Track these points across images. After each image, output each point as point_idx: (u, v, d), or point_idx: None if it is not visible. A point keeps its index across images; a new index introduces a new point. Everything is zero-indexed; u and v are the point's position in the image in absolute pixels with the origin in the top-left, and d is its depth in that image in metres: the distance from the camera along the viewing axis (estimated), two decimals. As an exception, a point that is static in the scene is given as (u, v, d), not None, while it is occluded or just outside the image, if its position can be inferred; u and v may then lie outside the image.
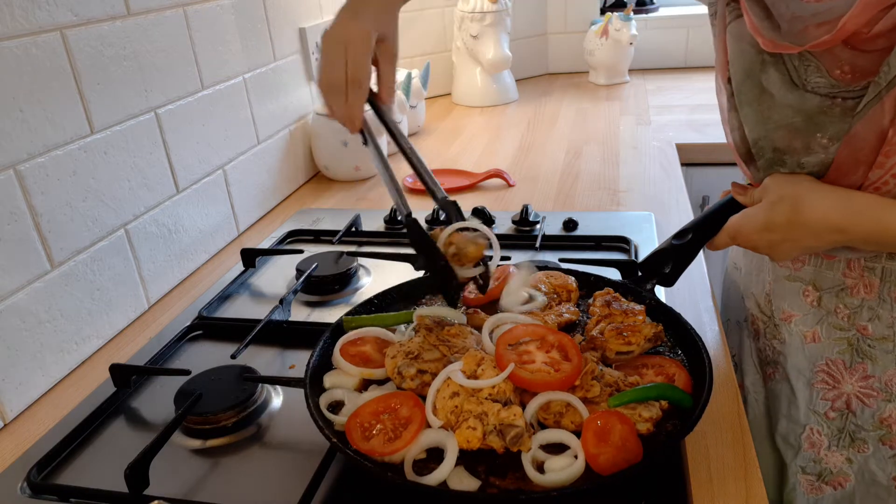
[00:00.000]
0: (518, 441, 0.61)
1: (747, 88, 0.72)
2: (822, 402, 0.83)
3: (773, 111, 0.70)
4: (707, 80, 2.19)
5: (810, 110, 0.68)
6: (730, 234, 0.77)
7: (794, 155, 0.70)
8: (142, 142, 1.02)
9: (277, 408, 0.81)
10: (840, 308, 0.79)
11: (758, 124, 0.72)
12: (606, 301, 0.80)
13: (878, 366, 0.78)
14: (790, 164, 0.71)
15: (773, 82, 0.70)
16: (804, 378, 0.84)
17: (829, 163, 0.68)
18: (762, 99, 0.71)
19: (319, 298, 1.06)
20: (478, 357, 0.68)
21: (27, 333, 0.84)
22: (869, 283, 0.76)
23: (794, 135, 0.69)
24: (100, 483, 0.70)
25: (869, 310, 0.77)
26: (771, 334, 0.88)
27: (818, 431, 0.84)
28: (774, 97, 0.70)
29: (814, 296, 0.81)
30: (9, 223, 0.81)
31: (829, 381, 0.82)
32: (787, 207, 0.70)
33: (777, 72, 0.70)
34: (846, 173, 0.67)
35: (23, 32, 0.82)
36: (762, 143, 0.73)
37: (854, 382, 0.80)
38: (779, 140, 0.71)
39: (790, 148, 0.70)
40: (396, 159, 0.93)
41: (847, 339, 0.79)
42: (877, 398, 0.79)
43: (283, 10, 1.42)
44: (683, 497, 0.64)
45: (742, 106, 0.74)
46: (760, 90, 0.71)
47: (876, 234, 0.66)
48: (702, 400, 0.64)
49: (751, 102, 0.72)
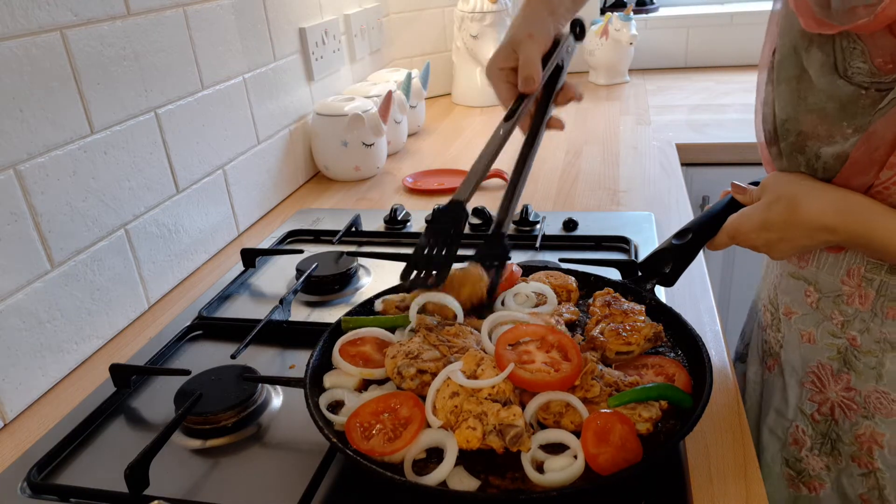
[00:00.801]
0: (517, 441, 0.61)
1: (788, 64, 0.72)
2: (809, 403, 0.83)
3: (809, 93, 0.70)
4: (707, 81, 2.20)
5: (842, 98, 0.67)
6: (729, 233, 0.77)
7: (816, 142, 0.70)
8: (142, 142, 1.02)
9: (277, 408, 0.81)
10: (835, 314, 0.78)
11: (789, 104, 0.72)
12: (606, 301, 0.80)
13: (860, 379, 0.77)
14: (809, 152, 0.70)
15: (812, 63, 0.69)
16: (797, 375, 0.84)
17: (845, 157, 0.67)
18: (801, 78, 0.70)
19: (319, 298, 1.06)
20: (478, 357, 0.68)
21: (27, 333, 0.84)
22: (865, 295, 0.75)
23: (823, 120, 0.69)
24: (100, 483, 0.70)
25: (861, 321, 0.76)
26: (775, 327, 0.89)
27: (803, 430, 0.84)
28: (812, 79, 0.69)
29: (814, 297, 0.81)
30: (9, 223, 0.81)
31: (817, 384, 0.82)
32: (783, 207, 0.70)
33: (821, 52, 0.68)
34: (859, 172, 0.66)
35: (23, 32, 0.82)
36: (789, 126, 0.72)
37: (838, 391, 0.79)
38: (806, 123, 0.70)
39: (814, 133, 0.69)
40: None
41: (837, 347, 0.79)
42: (856, 412, 0.78)
43: (283, 10, 1.42)
44: (683, 497, 0.64)
45: (780, 81, 0.73)
46: (801, 69, 0.70)
47: (863, 237, 0.66)
48: (702, 400, 0.64)
49: (788, 80, 0.72)
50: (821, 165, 0.70)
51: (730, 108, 1.89)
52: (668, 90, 2.13)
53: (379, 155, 1.55)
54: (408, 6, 2.13)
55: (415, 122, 1.88)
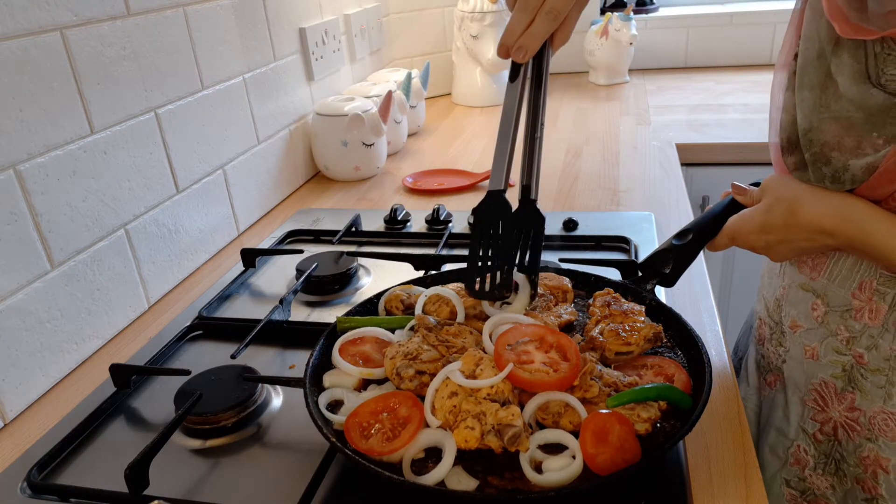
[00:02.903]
0: (516, 441, 0.61)
1: (813, 70, 0.68)
2: (811, 422, 0.80)
3: (833, 101, 0.66)
4: (707, 81, 2.20)
5: (872, 107, 0.64)
6: (729, 235, 0.77)
7: (842, 153, 0.66)
8: (142, 142, 1.02)
9: (277, 408, 0.81)
10: (841, 330, 0.75)
11: (813, 112, 0.68)
12: (606, 301, 0.80)
13: (866, 399, 0.74)
14: (836, 163, 0.67)
15: (842, 69, 0.66)
16: (799, 393, 0.81)
17: (874, 169, 0.64)
18: (826, 85, 0.67)
19: (319, 298, 1.06)
20: (476, 357, 0.68)
21: (27, 333, 0.84)
22: (876, 309, 0.71)
23: (848, 130, 0.65)
24: (100, 483, 0.70)
25: (869, 338, 0.73)
26: (777, 341, 0.86)
27: (805, 450, 0.81)
28: (839, 86, 0.66)
29: (821, 311, 0.77)
30: (9, 223, 0.81)
31: (819, 403, 0.79)
32: (784, 209, 0.69)
33: (851, 58, 0.65)
34: (888, 181, 0.64)
35: (23, 32, 0.82)
36: (811, 136, 0.68)
37: (841, 411, 0.76)
38: (829, 133, 0.67)
39: (840, 144, 0.66)
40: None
41: (842, 364, 0.76)
42: (860, 434, 0.75)
43: (283, 10, 1.42)
44: (683, 497, 0.64)
45: (802, 88, 0.69)
46: (826, 75, 0.67)
47: (860, 241, 0.65)
48: (701, 400, 0.64)
49: (812, 87, 0.68)
50: (848, 177, 0.66)
51: (730, 108, 1.88)
52: (668, 90, 2.13)
53: (379, 155, 1.55)
54: (408, 6, 2.13)
55: (415, 122, 1.88)
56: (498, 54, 0.74)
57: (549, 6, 0.68)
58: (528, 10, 0.69)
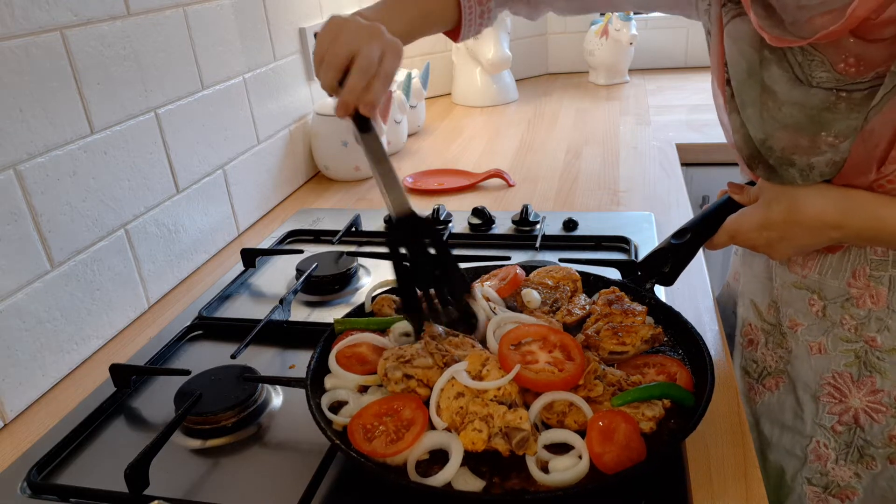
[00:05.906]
0: (524, 445, 0.61)
1: (748, 88, 0.71)
2: (828, 415, 0.81)
3: (777, 110, 0.69)
4: (707, 81, 2.19)
5: (815, 107, 0.66)
6: (728, 233, 0.77)
7: (802, 154, 0.69)
8: (142, 142, 1.02)
9: (277, 408, 0.81)
10: (846, 319, 0.77)
11: (762, 124, 0.71)
12: (609, 300, 0.80)
13: (887, 379, 0.76)
14: (800, 163, 0.69)
15: (776, 79, 0.68)
16: (810, 390, 0.82)
17: (842, 162, 0.66)
18: (765, 98, 0.70)
19: (319, 298, 1.06)
20: (482, 357, 0.68)
21: (27, 333, 0.84)
22: (876, 294, 0.74)
23: (799, 133, 0.68)
24: (100, 483, 0.70)
25: (877, 321, 0.75)
26: (776, 343, 0.86)
27: (825, 444, 0.82)
28: (778, 95, 0.69)
29: (819, 305, 0.79)
30: (9, 223, 0.81)
31: (835, 395, 0.80)
32: (784, 205, 0.70)
33: (780, 69, 0.68)
34: (860, 172, 0.66)
35: (23, 32, 0.81)
36: (769, 143, 0.71)
37: (862, 397, 0.78)
38: (784, 139, 0.69)
39: (797, 147, 0.69)
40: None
41: (854, 352, 0.77)
42: (885, 414, 0.76)
43: (283, 10, 1.42)
44: (683, 497, 0.64)
45: (745, 107, 0.72)
46: (762, 89, 0.70)
47: (872, 229, 0.66)
48: (704, 397, 0.64)
49: (753, 102, 0.71)
50: (816, 175, 0.68)
51: (730, 108, 1.88)
52: (668, 90, 2.13)
53: (379, 155, 1.55)
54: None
55: (415, 122, 1.88)
56: (337, 114, 0.76)
57: (385, 71, 0.76)
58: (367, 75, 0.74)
